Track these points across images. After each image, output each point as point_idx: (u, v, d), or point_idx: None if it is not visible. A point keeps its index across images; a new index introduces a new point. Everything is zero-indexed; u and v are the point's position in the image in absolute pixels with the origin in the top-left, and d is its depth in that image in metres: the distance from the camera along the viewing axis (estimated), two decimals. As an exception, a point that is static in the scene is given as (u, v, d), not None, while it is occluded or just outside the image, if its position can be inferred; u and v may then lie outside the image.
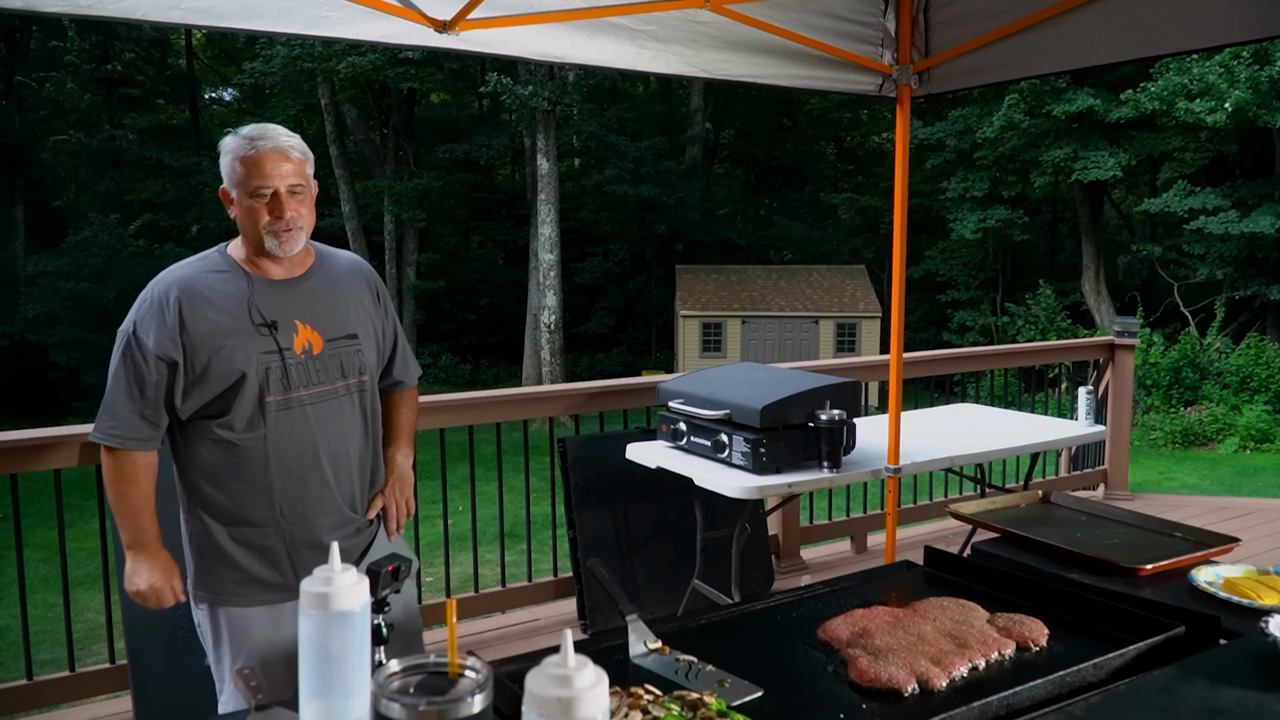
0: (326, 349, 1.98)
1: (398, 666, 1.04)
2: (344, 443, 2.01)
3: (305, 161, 1.94)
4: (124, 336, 1.92)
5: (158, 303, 1.90)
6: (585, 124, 25.72)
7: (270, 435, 1.91)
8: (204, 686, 2.81)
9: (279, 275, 1.98)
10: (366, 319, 2.09)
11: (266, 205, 1.89)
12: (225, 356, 1.87)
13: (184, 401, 1.91)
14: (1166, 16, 2.46)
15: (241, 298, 1.92)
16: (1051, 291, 23.08)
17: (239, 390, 1.88)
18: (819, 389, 2.92)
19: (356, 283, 2.12)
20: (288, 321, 1.94)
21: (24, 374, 23.47)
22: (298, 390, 1.93)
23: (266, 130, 1.92)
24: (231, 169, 1.92)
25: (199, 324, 1.88)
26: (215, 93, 33.66)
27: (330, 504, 2.00)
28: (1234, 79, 17.88)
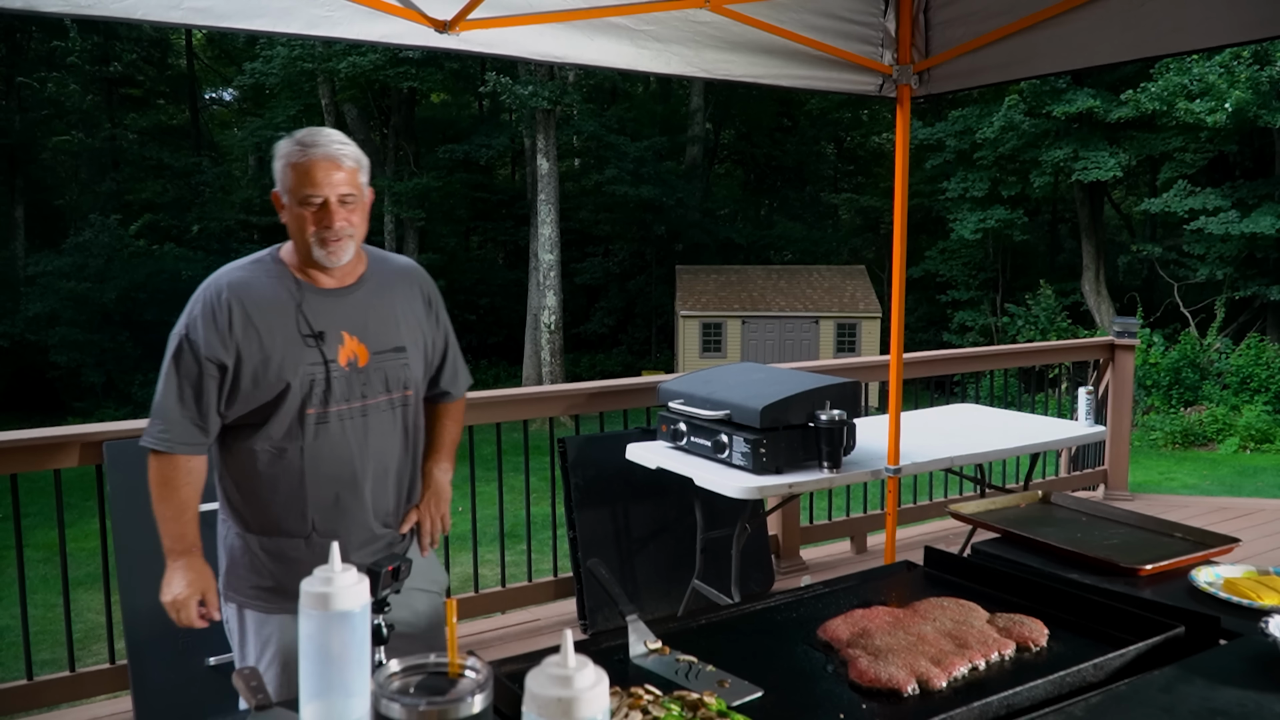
0: (372, 362, 1.93)
1: (398, 666, 1.05)
2: (383, 459, 1.97)
3: (358, 169, 1.89)
4: (177, 338, 1.88)
5: (210, 305, 1.86)
6: (585, 124, 25.72)
7: (307, 448, 1.87)
8: (204, 686, 2.82)
9: (329, 284, 1.92)
10: (416, 329, 2.03)
11: (315, 214, 1.84)
12: (272, 366, 1.84)
13: (228, 408, 1.87)
14: (1167, 17, 2.46)
15: (291, 306, 1.87)
16: (1051, 292, 23.09)
17: (281, 402, 1.85)
18: (819, 389, 2.92)
19: (408, 290, 2.05)
20: (335, 333, 1.89)
21: (24, 374, 23.47)
22: (338, 404, 1.89)
23: (319, 135, 1.87)
24: (283, 174, 1.88)
25: (249, 330, 1.84)
26: (215, 93, 33.69)
27: (362, 521, 1.96)
28: (1234, 79, 17.89)
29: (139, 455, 2.86)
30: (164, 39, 29.40)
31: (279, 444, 1.87)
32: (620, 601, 1.52)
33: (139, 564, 2.81)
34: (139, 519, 2.82)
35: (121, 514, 2.82)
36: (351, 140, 1.91)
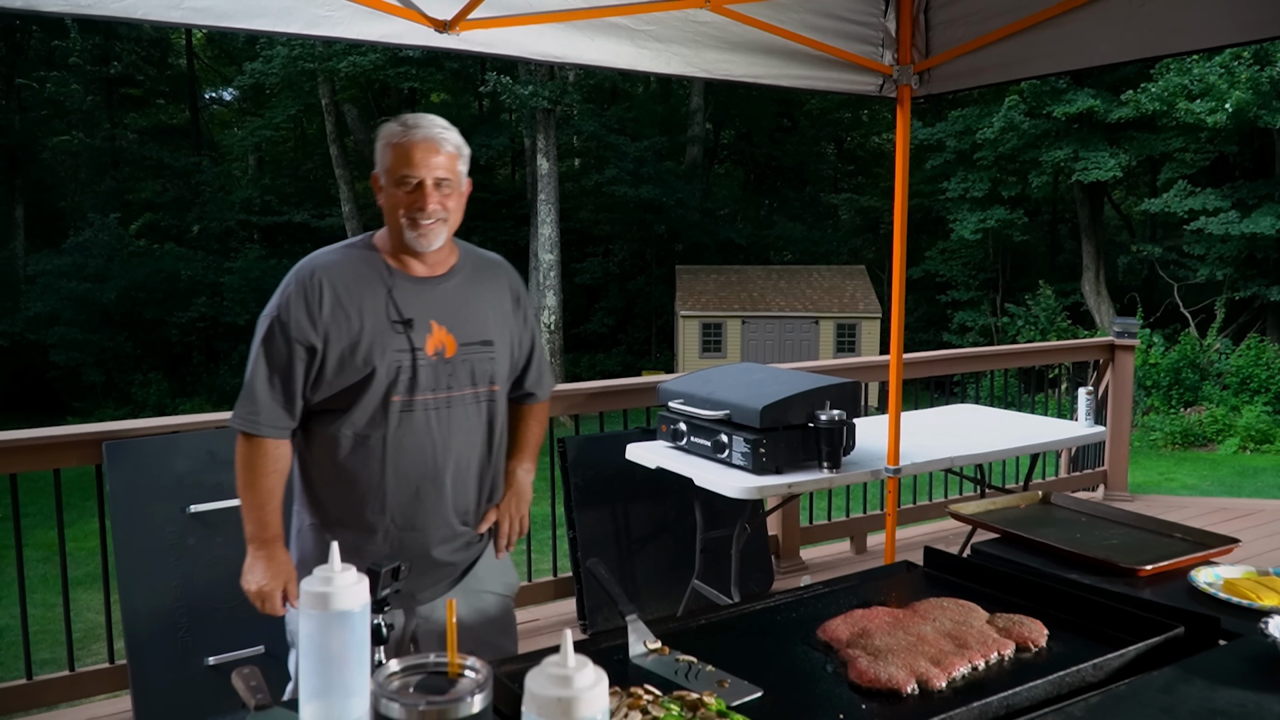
0: (459, 353, 1.91)
1: (398, 666, 1.05)
2: (466, 452, 1.94)
3: (458, 156, 1.87)
4: (267, 320, 1.86)
5: (303, 286, 1.84)
6: (585, 124, 25.72)
7: (390, 437, 1.85)
8: (204, 686, 2.82)
9: (420, 272, 1.90)
10: (504, 325, 2.01)
11: (409, 195, 1.82)
12: (360, 350, 1.82)
13: (313, 392, 1.85)
14: (1167, 17, 2.46)
15: (381, 291, 1.86)
16: (1051, 292, 23.09)
17: (366, 387, 1.83)
18: (819, 389, 2.92)
19: (498, 285, 2.03)
20: (423, 321, 1.87)
21: (24, 373, 23.47)
22: (424, 394, 1.86)
23: (423, 119, 1.86)
24: (382, 154, 1.86)
25: (338, 312, 1.82)
26: (215, 93, 33.68)
27: (442, 515, 1.93)
28: (1234, 79, 17.88)
29: (138, 455, 2.88)
30: (164, 39, 29.41)
31: (362, 431, 1.85)
32: (620, 601, 1.52)
33: (139, 564, 2.81)
34: (139, 519, 2.83)
35: (121, 514, 2.82)
36: (454, 128, 1.89)
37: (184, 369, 24.91)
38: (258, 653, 2.88)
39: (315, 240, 28.55)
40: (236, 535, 2.92)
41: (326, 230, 27.20)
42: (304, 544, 1.93)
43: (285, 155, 30.66)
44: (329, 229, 27.01)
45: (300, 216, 27.03)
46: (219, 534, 2.91)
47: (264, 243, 27.70)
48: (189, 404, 22.78)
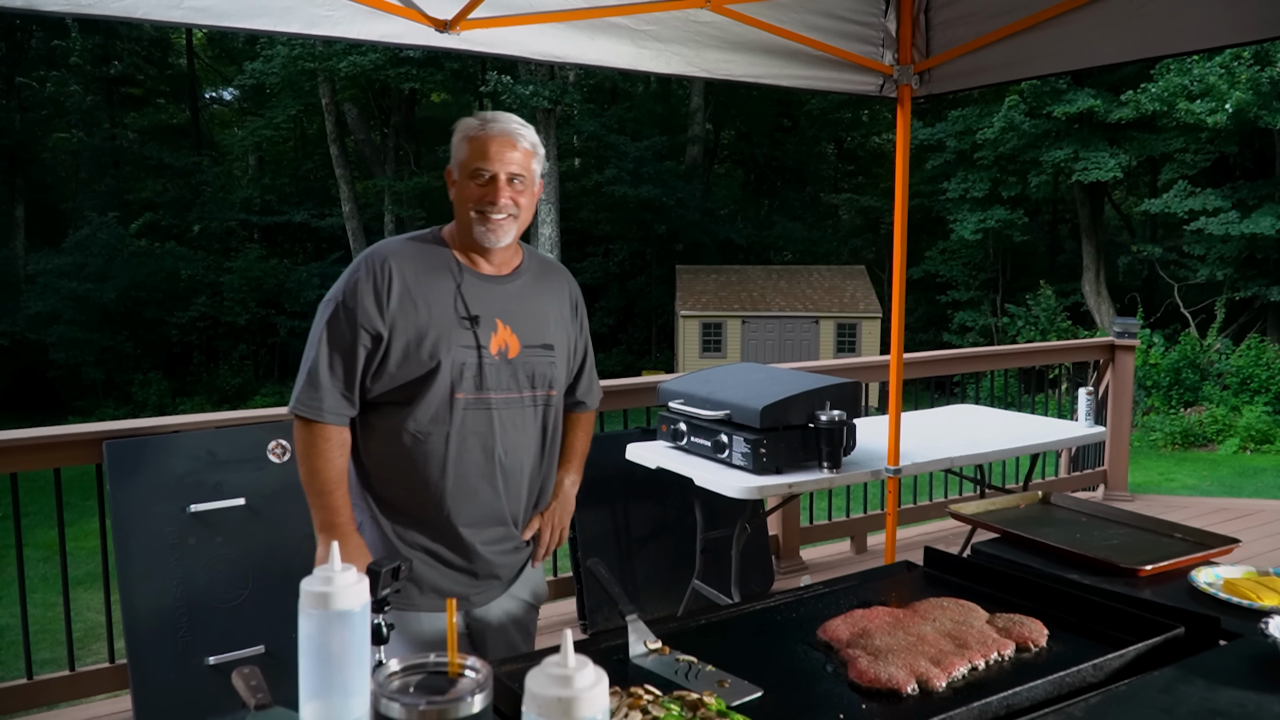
0: (521, 355, 1.89)
1: (398, 666, 1.05)
2: (520, 455, 1.92)
3: (533, 155, 1.86)
4: (331, 304, 1.82)
5: (372, 272, 1.81)
6: (585, 124, 25.73)
7: (454, 434, 1.83)
8: (204, 686, 2.83)
9: (487, 270, 1.89)
10: (563, 331, 2.00)
11: (481, 188, 1.82)
12: (426, 343, 1.80)
13: (374, 382, 1.83)
14: (1168, 17, 2.46)
15: (450, 285, 1.84)
16: (1051, 292, 23.08)
17: (430, 381, 1.81)
18: (819, 389, 2.92)
19: (559, 291, 2.02)
20: (489, 319, 1.86)
21: (24, 373, 23.48)
22: (488, 392, 1.85)
23: (501, 115, 1.86)
24: (458, 148, 1.86)
25: (406, 302, 1.80)
26: (215, 92, 33.68)
27: (497, 515, 1.92)
28: (1235, 80, 17.88)
29: (138, 455, 2.88)
30: (164, 38, 29.42)
31: (425, 428, 1.82)
32: (620, 601, 1.52)
33: (139, 564, 2.81)
34: (139, 518, 2.83)
35: (121, 513, 2.82)
36: (530, 125, 1.88)
37: (184, 369, 24.92)
38: (258, 653, 2.88)
39: (315, 240, 28.64)
40: (236, 535, 2.94)
41: (326, 230, 27.23)
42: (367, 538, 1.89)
43: (285, 155, 30.66)
44: (329, 229, 27.04)
45: (300, 216, 27.05)
46: (219, 534, 2.91)
47: (264, 242, 27.71)
48: (189, 404, 22.79)
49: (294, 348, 25.77)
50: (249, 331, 25.47)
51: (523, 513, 1.97)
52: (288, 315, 25.45)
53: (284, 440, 3.07)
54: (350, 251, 26.00)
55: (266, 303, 25.32)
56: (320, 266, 26.79)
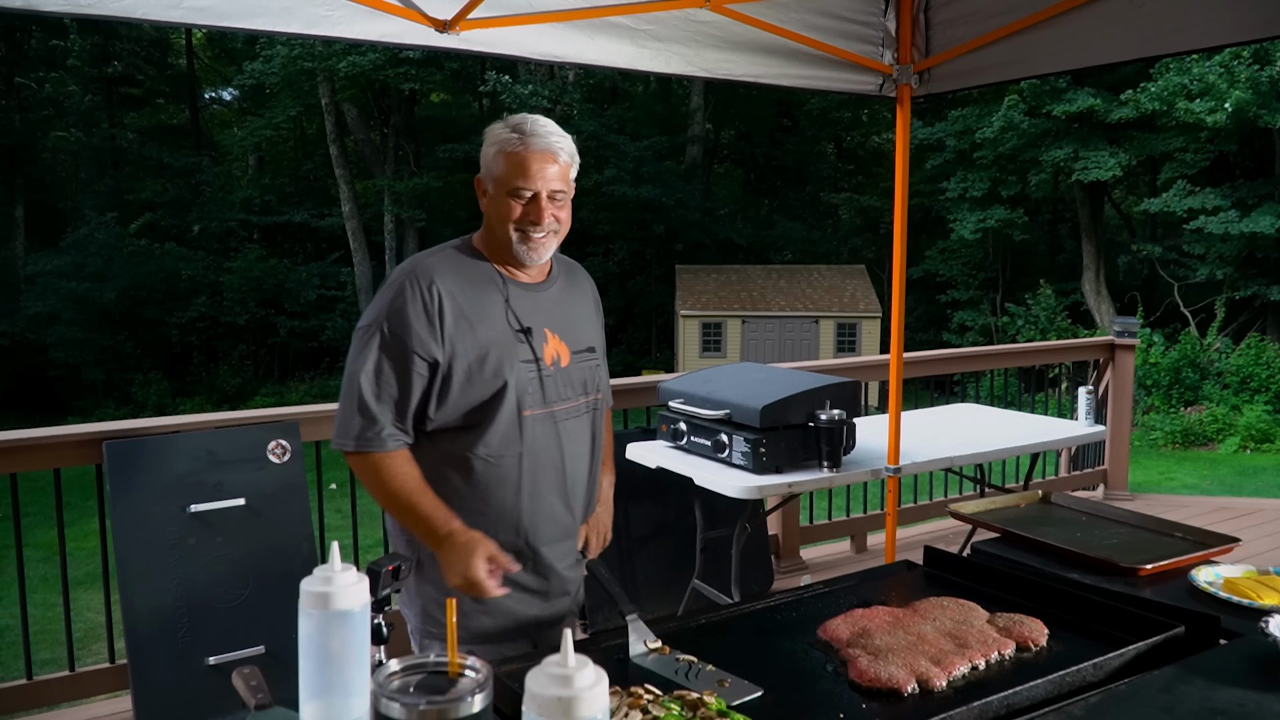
0: (572, 362, 1.84)
1: (398, 666, 1.05)
2: (579, 465, 1.86)
3: (571, 165, 1.80)
4: (373, 331, 1.71)
5: (419, 295, 1.70)
6: (585, 124, 25.73)
7: (526, 453, 1.76)
8: (204, 686, 2.82)
9: (526, 279, 1.82)
10: (597, 331, 1.96)
11: (524, 207, 1.74)
12: (489, 363, 1.71)
13: (437, 410, 1.72)
14: (1167, 16, 2.46)
15: (499, 299, 1.76)
16: (1051, 291, 23.09)
17: (499, 402, 1.72)
18: (819, 389, 2.92)
19: (585, 291, 1.97)
20: (539, 330, 1.79)
21: (24, 373, 23.49)
22: (551, 405, 1.78)
23: (538, 125, 1.76)
24: (494, 161, 1.76)
25: (463, 324, 1.71)
26: (215, 92, 33.67)
27: (568, 530, 1.86)
28: (1234, 79, 17.88)
29: (138, 455, 2.88)
30: (164, 38, 29.42)
31: (496, 451, 1.74)
32: (620, 601, 1.52)
33: (139, 564, 2.81)
34: (139, 519, 2.83)
35: (121, 514, 2.82)
36: (565, 133, 1.80)
37: (184, 369, 24.92)
38: (258, 653, 2.88)
39: (315, 240, 28.64)
40: (236, 535, 2.94)
41: (326, 230, 27.22)
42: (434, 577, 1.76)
43: (285, 155, 30.66)
44: (329, 229, 27.03)
45: (300, 216, 27.05)
46: (219, 534, 2.91)
47: (264, 242, 27.72)
48: (189, 404, 22.79)
49: (294, 347, 25.81)
50: (249, 331, 25.47)
51: (580, 522, 1.92)
52: (287, 315, 25.46)
53: (284, 440, 3.07)
54: (350, 251, 26.03)
55: (266, 303, 25.32)
56: (320, 266, 26.80)
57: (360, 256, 25.94)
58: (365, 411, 1.70)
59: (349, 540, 3.67)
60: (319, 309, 25.86)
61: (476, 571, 1.64)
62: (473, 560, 1.64)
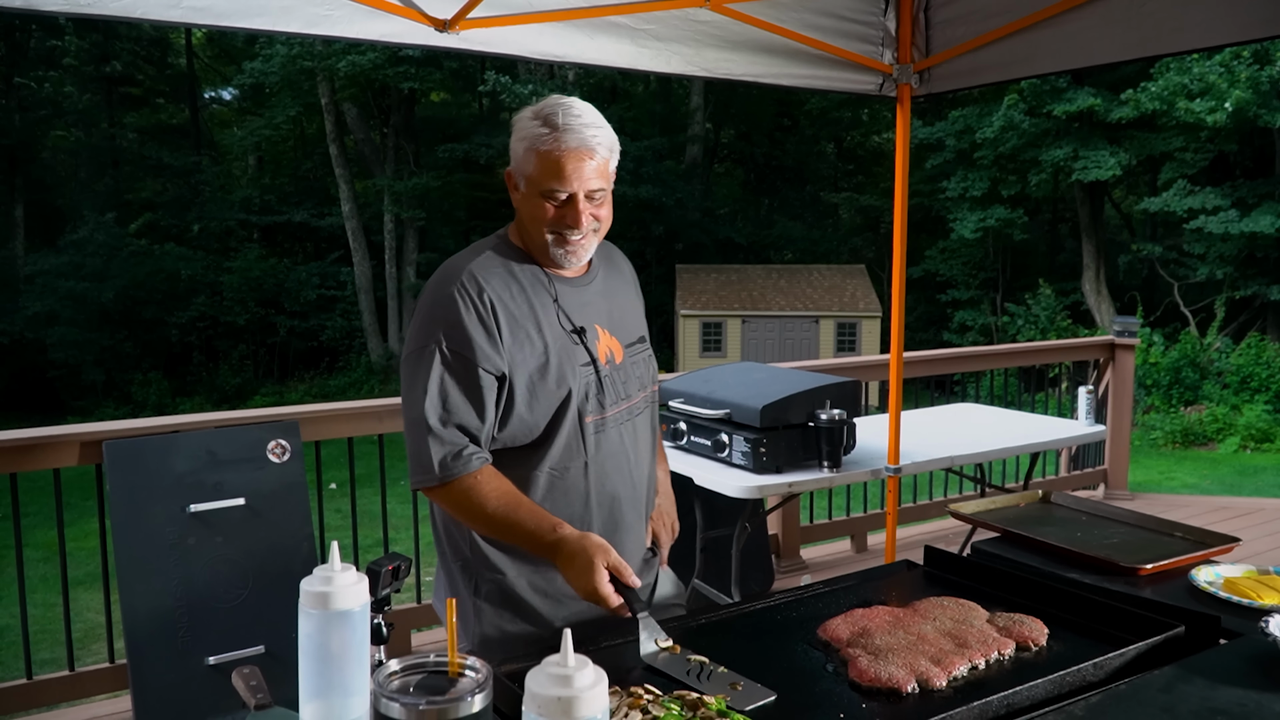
0: (626, 357, 1.73)
1: (398, 666, 1.05)
2: (644, 465, 1.75)
3: (610, 158, 1.62)
4: (429, 350, 1.57)
5: (472, 305, 1.57)
6: (585, 123, 25.72)
7: (592, 463, 1.65)
8: (204, 686, 2.83)
9: (569, 274, 1.70)
10: (642, 318, 1.83)
11: (558, 210, 1.59)
12: (551, 371, 1.60)
13: (501, 428, 1.61)
14: (1168, 16, 2.46)
15: (549, 300, 1.64)
16: (1051, 291, 23.09)
17: (563, 412, 1.61)
18: (819, 389, 2.92)
19: (625, 275, 1.83)
20: (590, 328, 1.68)
21: (24, 373, 23.49)
22: (611, 408, 1.67)
23: (571, 118, 1.57)
24: (524, 158, 1.60)
25: (519, 332, 1.59)
26: (215, 92, 33.67)
27: (639, 537, 1.75)
28: (1234, 79, 17.88)
29: (138, 455, 2.88)
30: (163, 38, 29.41)
31: (560, 464, 1.64)
32: (632, 599, 1.49)
33: (139, 564, 2.81)
34: (139, 519, 2.83)
35: (121, 514, 2.82)
36: (604, 120, 1.63)
37: (184, 369, 24.92)
38: (258, 653, 2.88)
39: (315, 240, 28.63)
40: (236, 535, 2.94)
41: (326, 230, 27.21)
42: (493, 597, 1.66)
43: (285, 155, 30.65)
44: (329, 228, 27.03)
45: (300, 216, 27.05)
46: (219, 534, 2.91)
47: (264, 242, 27.71)
48: (189, 404, 22.79)
49: (294, 347, 25.80)
50: (249, 331, 25.47)
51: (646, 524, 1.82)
52: (287, 315, 25.46)
53: (284, 440, 3.07)
54: (350, 251, 26.02)
55: (266, 302, 25.32)
56: (320, 266, 26.80)
57: (360, 256, 25.95)
58: (440, 440, 1.57)
59: (349, 540, 3.67)
60: (319, 309, 25.87)
61: (600, 587, 1.48)
62: (593, 576, 1.48)
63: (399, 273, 26.38)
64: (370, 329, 25.76)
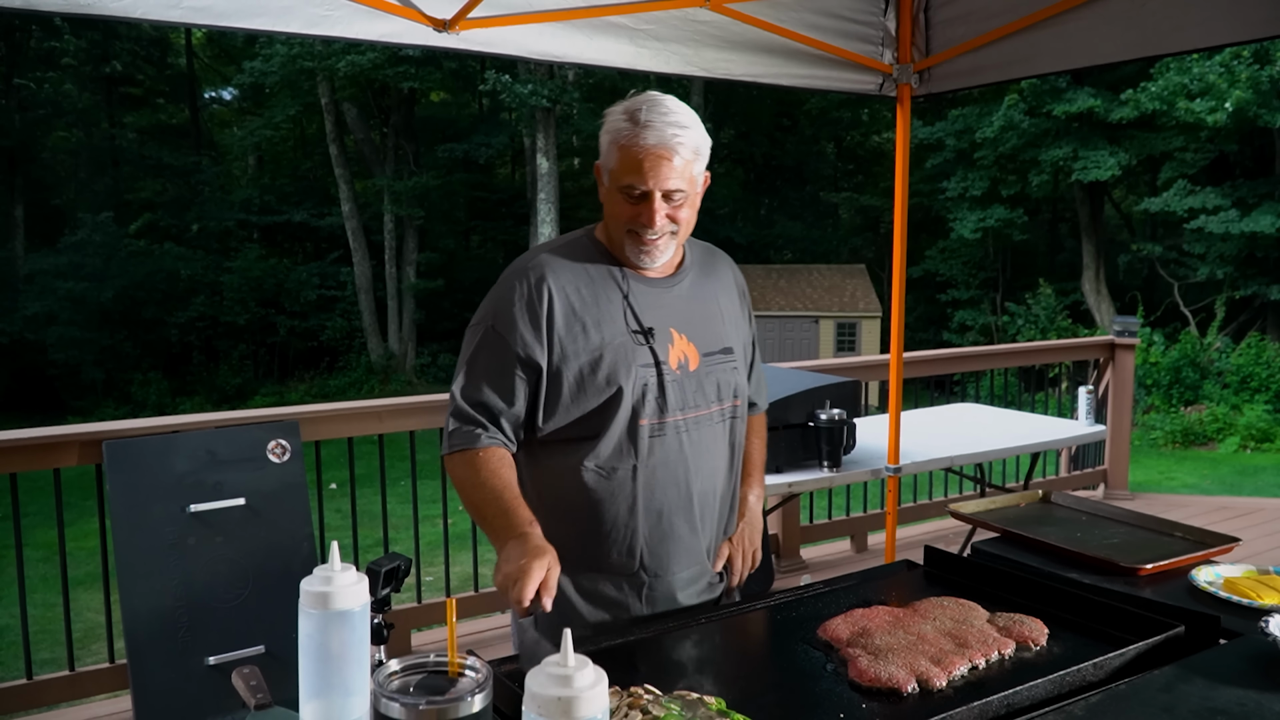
0: (702, 365, 1.68)
1: (398, 666, 1.04)
2: (713, 479, 1.71)
3: (694, 160, 1.60)
4: (480, 328, 1.62)
5: (527, 293, 1.59)
6: (585, 123, 25.72)
7: (642, 467, 1.61)
8: (204, 686, 2.83)
9: (651, 274, 1.67)
10: (738, 328, 1.79)
11: (635, 206, 1.59)
12: (602, 367, 1.58)
13: (546, 419, 1.61)
14: (1168, 16, 2.46)
15: (618, 297, 1.63)
16: (1051, 291, 23.09)
17: (612, 410, 1.59)
18: (819, 389, 2.93)
19: (725, 282, 1.79)
20: (663, 330, 1.64)
21: (23, 373, 23.49)
22: (673, 414, 1.63)
23: (656, 115, 1.57)
24: (607, 151, 1.61)
25: (574, 325, 1.59)
26: (215, 92, 33.67)
27: (695, 554, 1.71)
28: (1234, 79, 17.88)
29: (138, 455, 2.88)
30: (163, 38, 29.39)
31: (608, 463, 1.61)
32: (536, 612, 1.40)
33: (139, 564, 2.81)
34: (139, 519, 2.83)
35: (121, 514, 2.82)
36: (695, 119, 1.61)
37: (184, 368, 24.91)
38: (258, 653, 2.89)
39: (315, 240, 28.63)
40: (236, 535, 2.94)
41: (326, 229, 27.21)
42: None
43: (285, 155, 30.64)
44: (329, 228, 27.02)
45: (300, 216, 27.04)
46: (219, 534, 2.91)
47: (263, 242, 27.71)
48: (189, 404, 22.78)
49: (294, 347, 25.80)
50: (249, 331, 25.46)
51: (714, 543, 1.77)
52: (287, 315, 25.45)
53: (284, 440, 3.07)
54: (350, 251, 26.02)
55: (266, 302, 25.31)
56: (320, 266, 26.79)
57: (360, 256, 25.94)
58: (463, 415, 1.60)
59: (349, 540, 3.67)
60: (319, 308, 25.86)
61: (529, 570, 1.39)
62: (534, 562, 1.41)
63: (399, 273, 26.39)
64: (370, 329, 25.75)
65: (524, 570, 1.39)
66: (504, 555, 1.47)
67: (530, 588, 1.38)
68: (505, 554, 1.47)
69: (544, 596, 1.40)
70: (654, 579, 1.67)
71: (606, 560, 1.64)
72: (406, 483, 3.71)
